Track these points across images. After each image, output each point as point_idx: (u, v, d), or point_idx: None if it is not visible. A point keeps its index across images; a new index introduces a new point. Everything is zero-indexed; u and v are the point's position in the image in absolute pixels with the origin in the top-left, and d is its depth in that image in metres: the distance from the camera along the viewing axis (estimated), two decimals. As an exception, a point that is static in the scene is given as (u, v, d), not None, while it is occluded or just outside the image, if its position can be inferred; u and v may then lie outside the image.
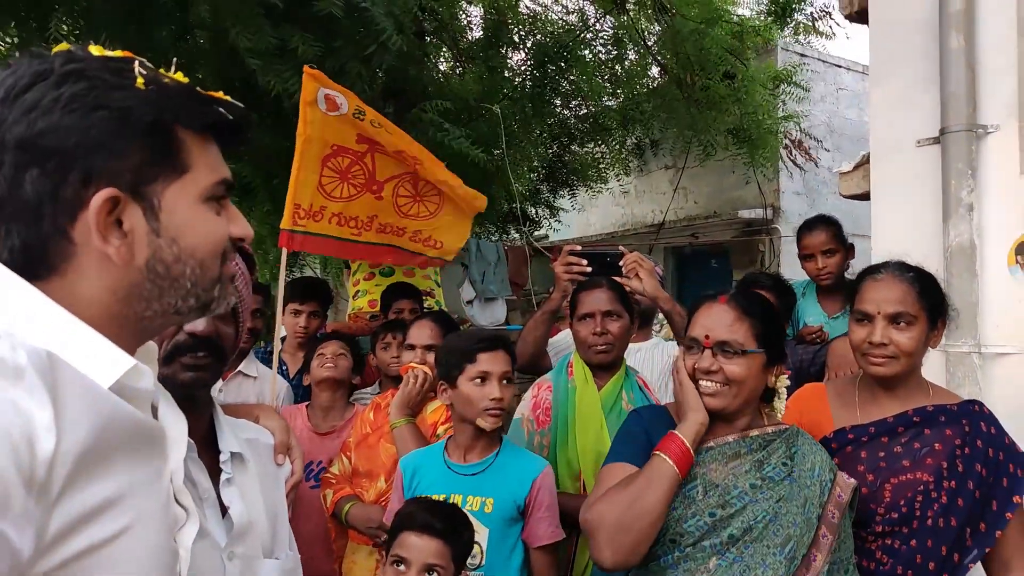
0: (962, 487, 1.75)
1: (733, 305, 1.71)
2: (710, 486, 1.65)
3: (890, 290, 1.82)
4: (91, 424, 0.70)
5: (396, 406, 2.47)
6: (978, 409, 1.83)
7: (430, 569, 1.74)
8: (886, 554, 1.79)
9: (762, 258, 7.37)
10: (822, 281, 3.18)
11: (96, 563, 0.69)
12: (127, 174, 0.78)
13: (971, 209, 2.27)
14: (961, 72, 2.27)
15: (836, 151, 7.64)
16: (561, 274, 2.69)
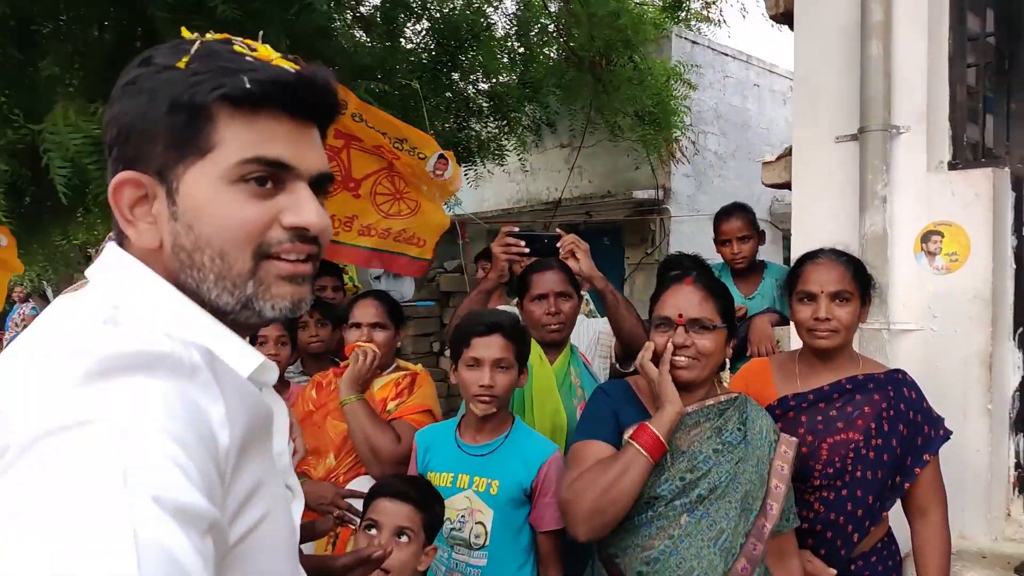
0: (887, 445, 2.01)
1: (699, 286, 1.90)
2: (677, 452, 1.83)
3: (830, 271, 2.05)
4: (244, 418, 0.72)
5: (346, 383, 2.46)
6: (901, 376, 2.09)
7: (401, 532, 1.80)
8: (822, 504, 2.04)
9: (653, 237, 7.71)
10: (737, 265, 3.43)
11: (250, 547, 0.72)
12: (157, 157, 0.77)
13: (884, 201, 2.53)
14: (879, 77, 2.51)
15: (722, 136, 8.07)
16: (499, 255, 2.75)
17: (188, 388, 0.66)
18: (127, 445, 0.58)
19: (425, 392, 2.62)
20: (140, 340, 0.67)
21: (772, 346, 3.01)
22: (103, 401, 0.61)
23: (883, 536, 2.15)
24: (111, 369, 0.63)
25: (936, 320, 2.48)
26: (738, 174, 8.21)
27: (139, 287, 0.77)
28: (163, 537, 0.55)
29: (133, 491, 0.56)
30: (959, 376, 2.43)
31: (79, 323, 0.70)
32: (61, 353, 0.65)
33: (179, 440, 0.61)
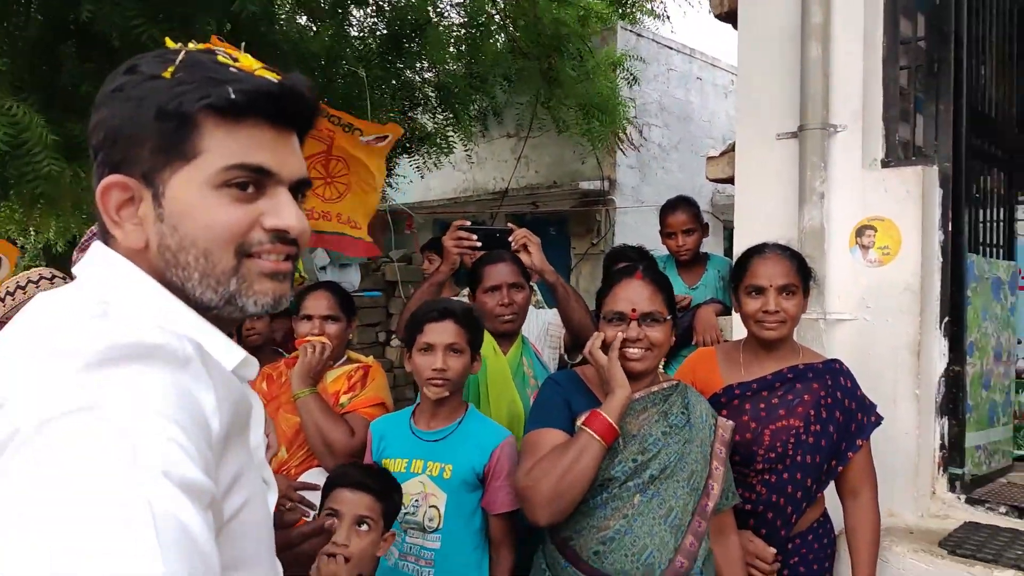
0: (824, 431, 2.12)
1: (648, 280, 1.99)
2: (628, 437, 1.91)
3: (778, 266, 2.15)
4: (229, 408, 0.77)
5: (297, 377, 2.47)
6: (838, 367, 2.21)
7: (361, 521, 1.86)
8: (764, 487, 2.14)
9: (598, 228, 7.82)
10: (682, 257, 3.54)
11: (233, 531, 0.77)
12: (143, 161, 0.80)
13: (822, 197, 2.65)
14: (818, 78, 2.61)
15: (666, 128, 8.22)
16: (451, 248, 2.79)
17: (182, 377, 0.70)
18: (133, 426, 0.63)
19: (378, 385, 2.63)
20: (135, 332, 0.70)
21: (717, 335, 3.13)
22: (105, 388, 0.64)
23: (819, 516, 2.28)
24: (109, 359, 0.66)
25: (869, 310, 2.61)
26: (681, 166, 8.39)
27: (127, 284, 0.81)
28: (175, 508, 0.60)
29: (144, 467, 0.60)
30: (890, 363, 2.56)
31: (72, 317, 0.73)
32: (59, 346, 0.68)
33: (178, 423, 0.66)
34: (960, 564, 2.21)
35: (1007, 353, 3.01)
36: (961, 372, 2.65)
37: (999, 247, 3.03)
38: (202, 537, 0.62)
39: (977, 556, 2.23)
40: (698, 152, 8.49)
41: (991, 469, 2.88)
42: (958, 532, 2.43)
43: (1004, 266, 3.01)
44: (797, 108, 2.67)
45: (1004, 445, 3.02)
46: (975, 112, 2.74)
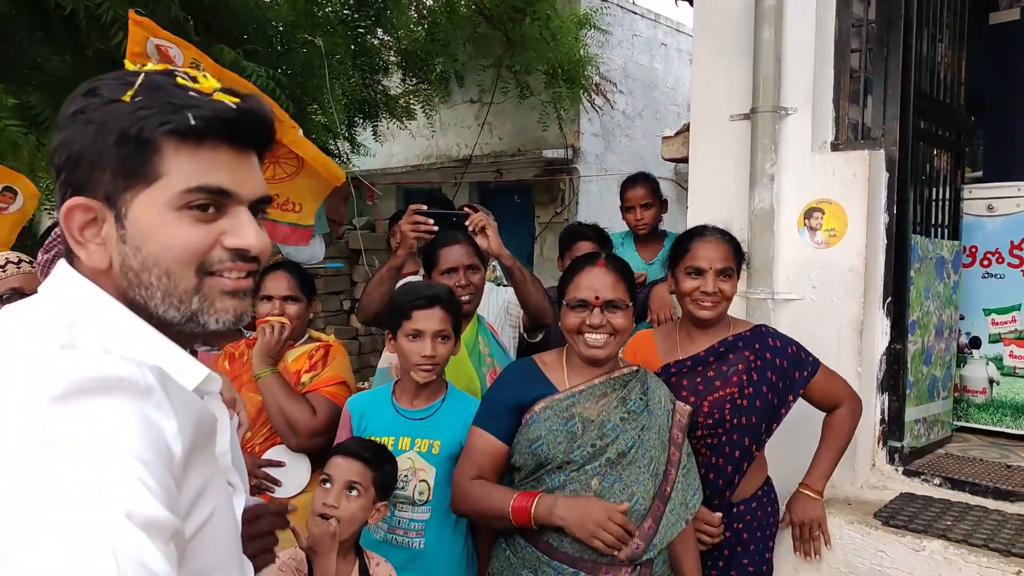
0: (758, 392, 2.23)
1: (610, 268, 2.03)
2: (587, 422, 1.97)
3: (717, 249, 2.24)
4: (191, 428, 0.80)
5: (257, 357, 2.50)
6: (764, 330, 2.32)
7: (351, 486, 1.96)
8: (708, 449, 2.25)
9: (562, 196, 7.84)
10: (640, 231, 3.58)
11: (202, 539, 0.81)
12: (106, 184, 0.83)
13: (772, 179, 2.69)
14: (770, 60, 2.64)
15: (630, 95, 8.21)
16: (408, 232, 2.80)
17: (145, 407, 0.73)
18: (98, 466, 0.66)
19: (339, 364, 2.66)
20: (99, 365, 0.73)
21: (670, 313, 3.18)
22: (72, 423, 0.68)
23: (763, 484, 2.38)
24: (75, 392, 0.69)
25: (815, 291, 2.68)
26: (645, 133, 8.40)
27: (91, 309, 0.83)
28: (136, 549, 0.64)
29: (107, 508, 0.64)
30: (834, 342, 2.64)
31: (38, 346, 0.75)
32: (27, 379, 0.70)
33: (141, 459, 0.69)
34: (892, 534, 2.32)
35: (948, 329, 3.12)
36: (902, 349, 2.74)
37: (945, 227, 3.11)
38: (162, 571, 0.65)
39: (908, 527, 2.34)
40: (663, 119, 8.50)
41: (930, 441, 3.00)
42: (893, 503, 2.54)
43: (948, 246, 3.09)
44: (749, 90, 2.69)
45: (944, 417, 3.14)
46: (924, 95, 2.79)
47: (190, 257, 0.84)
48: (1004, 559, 2.13)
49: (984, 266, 3.28)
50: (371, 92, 6.88)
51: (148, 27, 2.69)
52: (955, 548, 2.21)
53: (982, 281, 3.29)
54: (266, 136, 0.90)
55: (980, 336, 3.31)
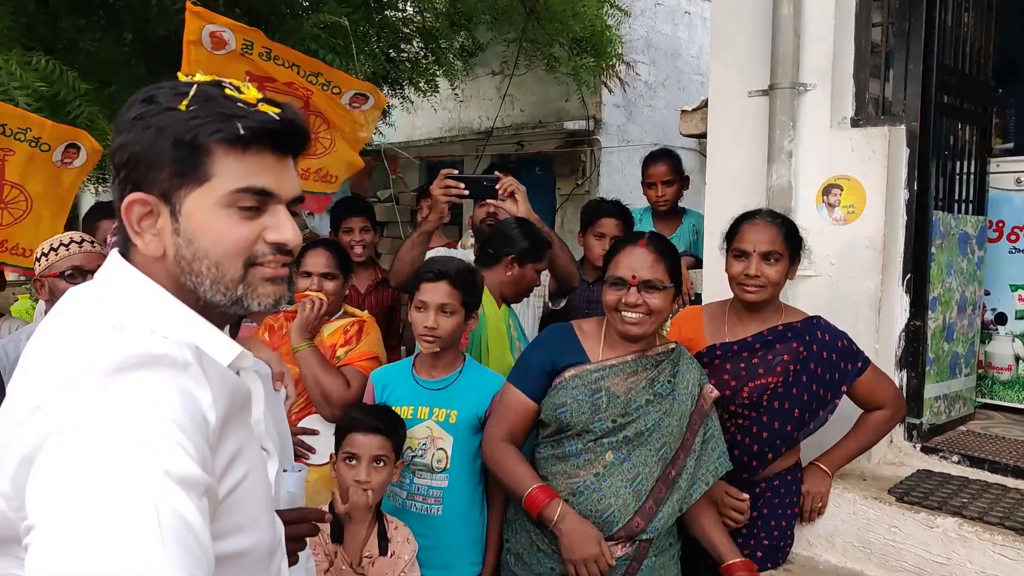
0: (798, 381, 2.24)
1: (651, 248, 2.07)
2: (613, 397, 2.04)
3: (763, 232, 2.23)
4: (225, 399, 0.90)
5: (296, 331, 2.63)
6: (816, 322, 2.32)
7: (377, 459, 2.11)
8: (736, 428, 2.28)
9: (583, 168, 7.79)
10: (660, 207, 3.59)
11: (236, 499, 0.91)
12: (162, 182, 0.94)
13: (790, 155, 2.67)
14: (789, 36, 2.61)
15: (652, 65, 8.10)
16: (439, 197, 2.86)
17: (183, 380, 0.84)
18: (141, 431, 0.77)
19: (372, 339, 2.77)
20: (143, 343, 0.85)
21: (688, 288, 3.20)
22: (119, 395, 0.80)
23: (791, 466, 2.40)
24: (123, 368, 0.82)
25: (833, 267, 2.67)
26: (668, 103, 8.29)
27: (138, 293, 0.94)
28: (173, 502, 0.75)
29: (149, 467, 0.75)
30: (851, 318, 2.63)
31: (94, 327, 0.88)
32: (83, 357, 0.84)
33: (178, 424, 0.80)
34: (906, 510, 2.33)
35: (972, 306, 3.09)
36: (922, 326, 2.73)
37: (970, 202, 3.07)
38: (197, 523, 0.76)
39: (923, 503, 2.35)
40: (686, 89, 8.39)
41: (951, 418, 3.00)
42: (909, 479, 2.56)
43: (973, 221, 3.05)
44: (768, 66, 2.67)
45: (966, 394, 3.13)
46: (947, 68, 2.74)
47: (238, 251, 0.95)
48: (1020, 537, 2.14)
49: (1012, 241, 3.24)
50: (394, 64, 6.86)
51: (204, 15, 2.80)
52: (970, 525, 2.22)
53: (1009, 256, 3.25)
54: (303, 143, 1.01)
55: (1006, 312, 3.28)
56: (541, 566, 2.10)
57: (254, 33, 2.95)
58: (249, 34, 2.94)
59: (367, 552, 2.08)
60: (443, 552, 2.31)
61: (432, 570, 2.29)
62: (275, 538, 1.02)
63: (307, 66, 3.19)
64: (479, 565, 2.36)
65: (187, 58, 2.86)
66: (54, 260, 2.49)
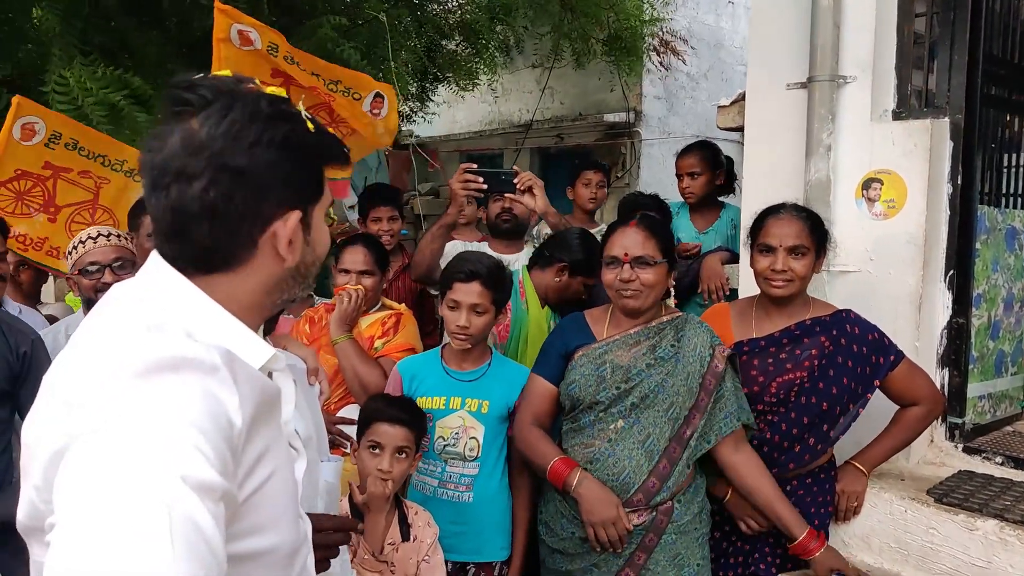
0: (824, 376, 2.22)
1: (642, 227, 2.15)
2: (616, 367, 2.13)
3: (789, 226, 2.22)
4: (253, 402, 0.92)
5: (335, 323, 2.71)
6: (846, 315, 2.29)
7: (400, 450, 2.15)
8: (765, 424, 2.27)
9: (624, 160, 7.75)
10: (687, 199, 3.56)
11: (262, 497, 0.93)
12: (304, 199, 1.02)
13: (829, 149, 2.63)
14: (828, 27, 2.56)
15: (695, 56, 8.01)
16: (458, 190, 2.91)
17: (209, 383, 0.86)
18: (161, 434, 0.80)
19: (409, 332, 2.84)
20: (175, 346, 0.88)
21: (723, 283, 3.16)
22: (147, 396, 0.82)
23: (824, 464, 2.37)
24: (153, 370, 0.84)
25: (873, 263, 2.62)
26: (711, 95, 8.19)
27: (178, 295, 0.97)
28: (188, 508, 0.77)
29: (165, 471, 0.77)
30: (890, 315, 2.57)
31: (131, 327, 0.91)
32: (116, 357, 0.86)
33: (200, 428, 0.82)
34: (944, 512, 2.28)
35: (1020, 303, 3.01)
36: (965, 324, 2.67)
37: (1019, 196, 2.98)
38: (209, 529, 0.78)
39: (963, 505, 2.30)
40: (729, 80, 8.27)
41: (996, 418, 2.92)
42: (949, 480, 2.50)
43: (1021, 215, 2.97)
44: (807, 58, 2.62)
45: (1013, 394, 3.04)
46: (995, 59, 2.67)
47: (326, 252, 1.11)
48: (1064, 541, 2.09)
49: (1064, 236, 3.14)
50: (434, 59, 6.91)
51: (231, 14, 2.90)
52: (1012, 529, 2.16)
53: (1061, 252, 3.14)
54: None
55: (1057, 309, 3.17)
56: (564, 531, 2.19)
57: (278, 36, 3.05)
58: (273, 36, 3.03)
59: (390, 539, 2.13)
60: (473, 537, 2.38)
61: (463, 555, 2.37)
62: (299, 538, 1.04)
63: (327, 74, 3.29)
64: (507, 549, 2.43)
65: (217, 55, 2.93)
66: (75, 258, 2.58)
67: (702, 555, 2.20)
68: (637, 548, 2.13)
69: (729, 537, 2.37)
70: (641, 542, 2.12)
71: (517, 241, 3.39)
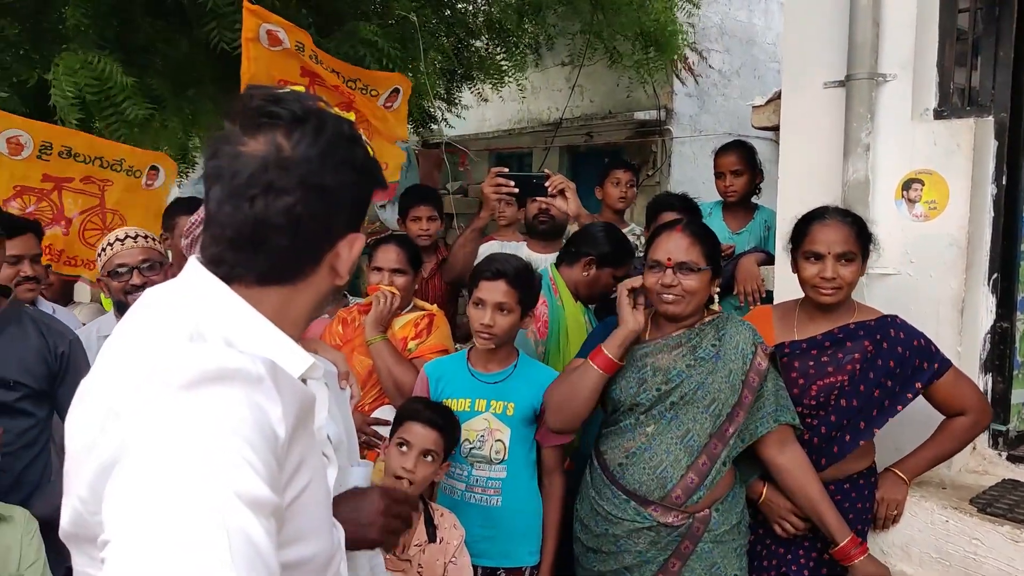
0: (865, 378, 2.19)
1: (687, 232, 2.13)
2: (657, 369, 2.12)
3: (837, 232, 2.18)
4: (295, 411, 0.92)
5: (370, 324, 2.71)
6: (891, 320, 2.25)
7: (427, 453, 2.14)
8: (806, 429, 2.23)
9: (654, 159, 7.68)
10: (729, 198, 3.52)
11: (299, 506, 0.93)
12: (360, 219, 1.06)
13: (868, 149, 2.57)
14: (867, 25, 2.49)
15: (727, 53, 7.91)
16: (490, 194, 2.93)
17: (255, 394, 0.86)
18: (213, 450, 0.79)
19: (441, 333, 2.85)
20: (219, 357, 0.87)
21: (758, 285, 3.12)
22: (193, 409, 0.82)
23: (863, 469, 2.32)
24: (199, 381, 0.83)
25: (912, 265, 2.56)
26: (743, 92, 8.08)
27: (219, 304, 0.97)
28: (243, 523, 0.77)
29: (219, 487, 0.77)
30: (931, 319, 2.51)
31: (172, 337, 0.91)
32: (160, 367, 0.86)
33: (249, 441, 0.82)
34: (988, 522, 2.22)
35: (1065, 305, 2.92)
36: (1010, 328, 2.60)
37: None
38: (264, 545, 0.78)
39: (1008, 515, 2.23)
40: (762, 77, 8.16)
41: (1040, 424, 2.84)
42: (993, 490, 2.43)
43: (1067, 215, 2.88)
44: (844, 56, 2.56)
45: (1059, 399, 2.95)
46: (1041, 54, 2.58)
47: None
48: (1114, 554, 2.02)
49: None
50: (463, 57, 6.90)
51: (260, 14, 2.91)
52: (1059, 540, 2.10)
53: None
54: None
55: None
56: (598, 527, 2.19)
57: (304, 35, 3.06)
58: (300, 35, 3.04)
59: (416, 540, 2.12)
60: (503, 541, 2.36)
61: (492, 559, 2.36)
62: (333, 545, 1.04)
63: (346, 72, 3.32)
64: (537, 554, 2.40)
65: (246, 55, 2.94)
66: (104, 260, 2.62)
67: (739, 566, 2.17)
68: (672, 555, 2.10)
69: (763, 540, 2.34)
70: (677, 549, 2.10)
71: (555, 241, 3.38)
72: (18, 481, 2.17)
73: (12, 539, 1.90)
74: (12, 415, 2.09)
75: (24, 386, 2.21)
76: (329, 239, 1.01)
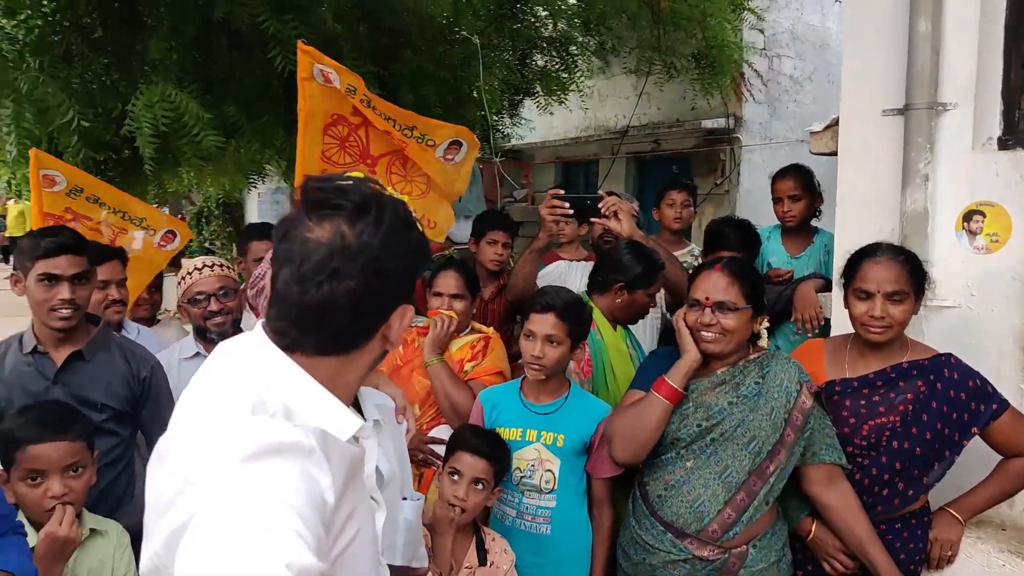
0: (918, 420, 2.16)
1: (726, 272, 2.15)
2: (699, 406, 2.15)
3: (888, 271, 2.16)
4: (343, 475, 1.02)
5: (428, 346, 2.82)
6: (946, 359, 2.21)
7: (477, 481, 2.23)
8: (857, 469, 2.22)
9: (723, 167, 7.58)
10: (787, 223, 3.48)
11: (347, 559, 1.03)
12: (412, 291, 1.14)
13: (927, 179, 2.52)
14: (926, 53, 2.45)
15: (799, 58, 7.74)
16: (546, 216, 2.99)
17: (307, 466, 0.97)
18: (268, 521, 0.89)
19: (497, 355, 2.94)
20: (277, 431, 0.98)
21: (816, 313, 3.08)
22: (253, 481, 0.92)
23: (916, 509, 2.29)
24: (258, 455, 0.94)
25: (973, 298, 2.50)
26: (816, 98, 7.89)
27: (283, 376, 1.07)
28: None
29: (272, 558, 0.86)
30: (993, 354, 2.46)
31: (238, 407, 1.02)
32: (226, 436, 0.97)
33: (301, 514, 0.91)
34: (1049, 568, 2.17)
35: None
36: (1078, 363, 2.50)
37: None
38: None
39: (1070, 561, 2.18)
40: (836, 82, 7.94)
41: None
42: (1057, 532, 2.37)
43: None
44: (903, 85, 2.52)
45: None
46: (1116, 79, 2.48)
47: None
48: None
49: None
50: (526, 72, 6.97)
51: (313, 55, 3.01)
52: (1124, 590, 2.04)
53: None
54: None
55: None
56: (637, 556, 2.23)
57: (356, 79, 3.12)
58: (352, 79, 3.10)
59: (467, 563, 2.21)
60: (551, 569, 2.42)
61: (540, 587, 2.40)
62: None
63: (402, 120, 3.29)
64: None
65: (302, 93, 3.05)
66: (183, 288, 2.80)
67: None
68: None
69: None
70: None
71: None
72: (104, 495, 2.35)
73: (106, 553, 2.06)
74: (100, 435, 2.26)
75: (110, 408, 2.40)
76: (384, 314, 1.10)
